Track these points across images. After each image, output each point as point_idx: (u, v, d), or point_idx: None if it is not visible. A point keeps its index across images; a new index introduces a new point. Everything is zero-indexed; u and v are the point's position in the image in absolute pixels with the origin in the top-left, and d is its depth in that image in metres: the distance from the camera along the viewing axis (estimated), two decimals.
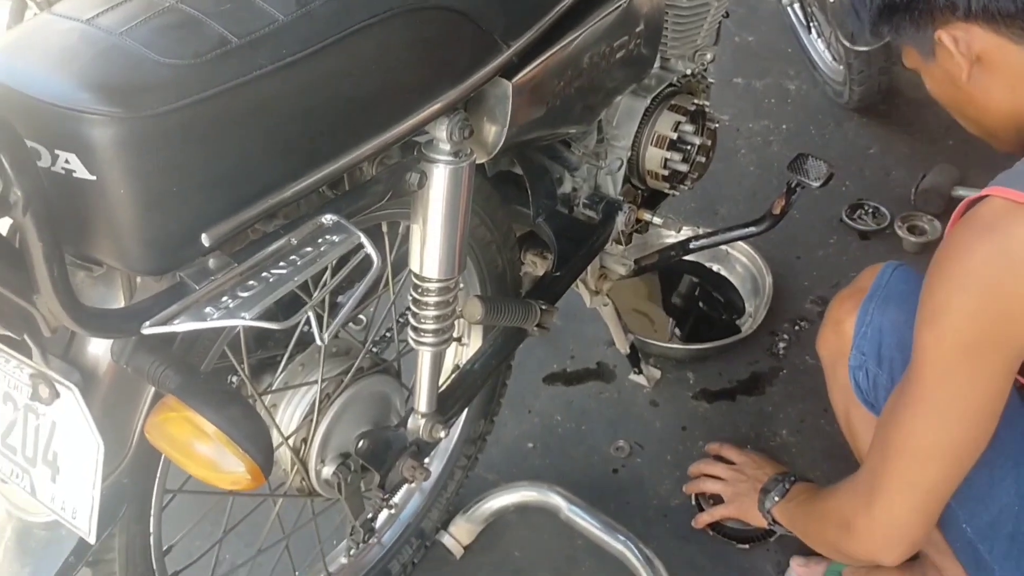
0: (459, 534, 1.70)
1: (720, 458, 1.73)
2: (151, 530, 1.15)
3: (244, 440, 0.91)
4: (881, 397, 1.30)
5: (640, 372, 1.97)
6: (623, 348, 1.93)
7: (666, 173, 1.61)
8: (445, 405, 1.35)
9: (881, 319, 1.32)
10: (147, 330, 0.87)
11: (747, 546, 1.70)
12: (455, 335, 1.44)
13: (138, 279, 0.98)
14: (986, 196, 1.06)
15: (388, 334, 1.50)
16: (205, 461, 0.92)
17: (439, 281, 1.22)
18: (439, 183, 1.15)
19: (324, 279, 1.00)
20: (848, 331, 1.36)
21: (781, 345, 2.06)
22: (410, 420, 1.33)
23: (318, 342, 0.95)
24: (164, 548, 1.21)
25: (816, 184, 1.64)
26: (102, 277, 0.98)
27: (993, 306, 1.05)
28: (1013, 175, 1.07)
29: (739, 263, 2.18)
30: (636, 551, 1.62)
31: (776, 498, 1.53)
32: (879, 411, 1.31)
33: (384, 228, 1.25)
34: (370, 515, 1.37)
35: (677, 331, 2.13)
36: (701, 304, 2.13)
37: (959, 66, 1.11)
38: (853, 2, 1.19)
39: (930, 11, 1.11)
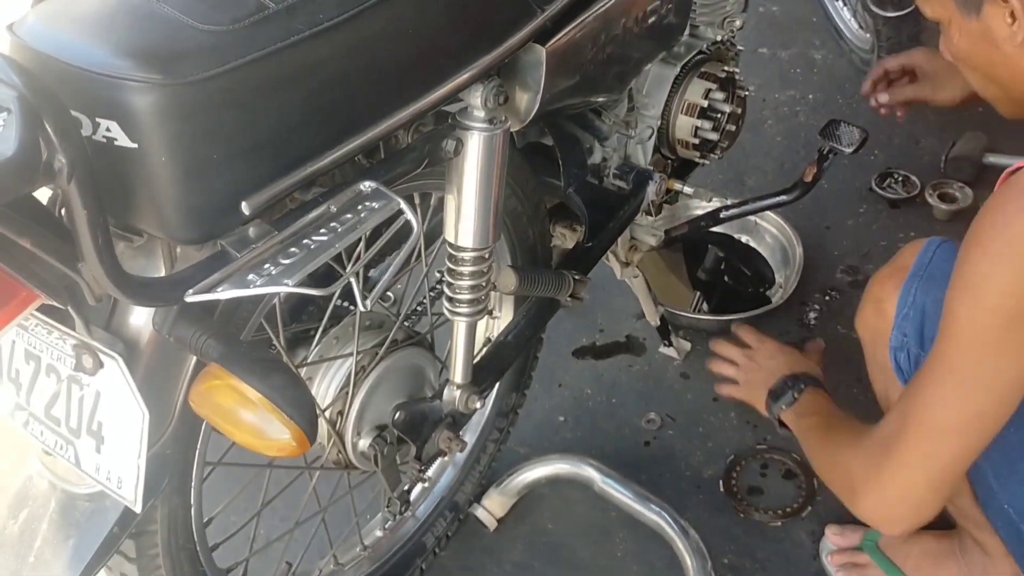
0: (492, 507, 1.71)
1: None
2: (192, 502, 1.16)
3: (289, 407, 0.91)
4: None
5: (670, 344, 1.97)
6: (653, 320, 1.92)
7: (696, 142, 1.59)
8: (480, 376, 1.35)
9: (924, 299, 1.28)
10: (191, 298, 0.86)
11: (780, 523, 1.69)
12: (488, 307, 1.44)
13: (178, 249, 0.98)
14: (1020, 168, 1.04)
15: (419, 307, 1.50)
16: (251, 428, 0.92)
17: (474, 250, 1.21)
18: (474, 151, 1.14)
19: (359, 249, 1.00)
20: (889, 311, 1.32)
21: (812, 315, 2.05)
22: (445, 392, 1.33)
23: (360, 308, 0.95)
24: (204, 520, 1.22)
25: (849, 150, 1.62)
26: (142, 247, 0.98)
27: None
28: None
29: (768, 234, 2.17)
30: (672, 522, 1.62)
31: (784, 406, 1.46)
32: None
33: (416, 199, 1.24)
34: (406, 487, 1.37)
35: (705, 306, 2.11)
36: (726, 278, 2.12)
37: (1013, 28, 1.08)
38: None
39: None
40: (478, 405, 1.33)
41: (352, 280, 0.94)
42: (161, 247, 0.97)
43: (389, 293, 1.52)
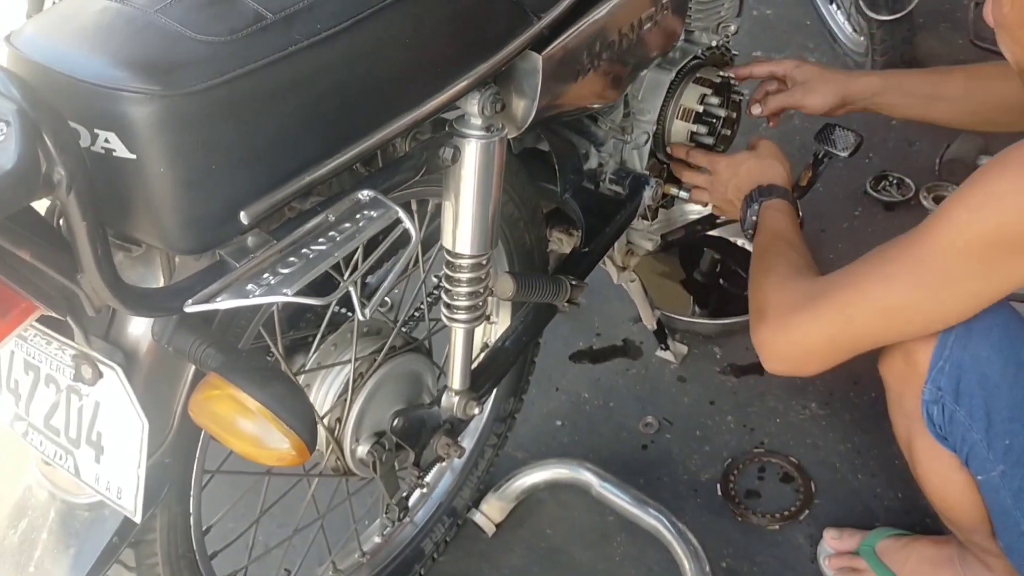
0: (491, 512, 1.71)
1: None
2: (191, 510, 1.16)
3: (289, 416, 0.91)
4: (957, 433, 1.26)
5: (667, 348, 1.97)
6: (650, 324, 1.93)
7: (692, 146, 1.60)
8: (478, 382, 1.35)
9: (962, 354, 1.23)
10: (190, 308, 0.87)
11: (777, 526, 1.69)
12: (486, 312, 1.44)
13: (177, 259, 0.98)
14: None
15: (417, 313, 1.50)
16: (250, 438, 0.92)
17: (472, 257, 1.22)
18: (471, 158, 1.14)
19: (356, 257, 1.00)
20: (921, 362, 1.27)
21: None
22: (444, 398, 1.33)
23: (359, 316, 0.95)
24: (204, 528, 1.22)
25: (844, 154, 1.63)
26: (141, 257, 0.98)
27: None
28: None
29: None
30: (669, 525, 1.62)
31: (749, 229, 1.48)
32: (953, 446, 1.28)
33: (413, 206, 1.25)
34: (404, 494, 1.37)
35: (698, 308, 2.12)
36: (722, 281, 2.12)
37: None
38: None
39: None
40: (476, 411, 1.34)
41: (351, 288, 0.94)
42: (160, 257, 0.97)
43: (387, 299, 1.52)
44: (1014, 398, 1.21)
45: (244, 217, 0.91)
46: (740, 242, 2.18)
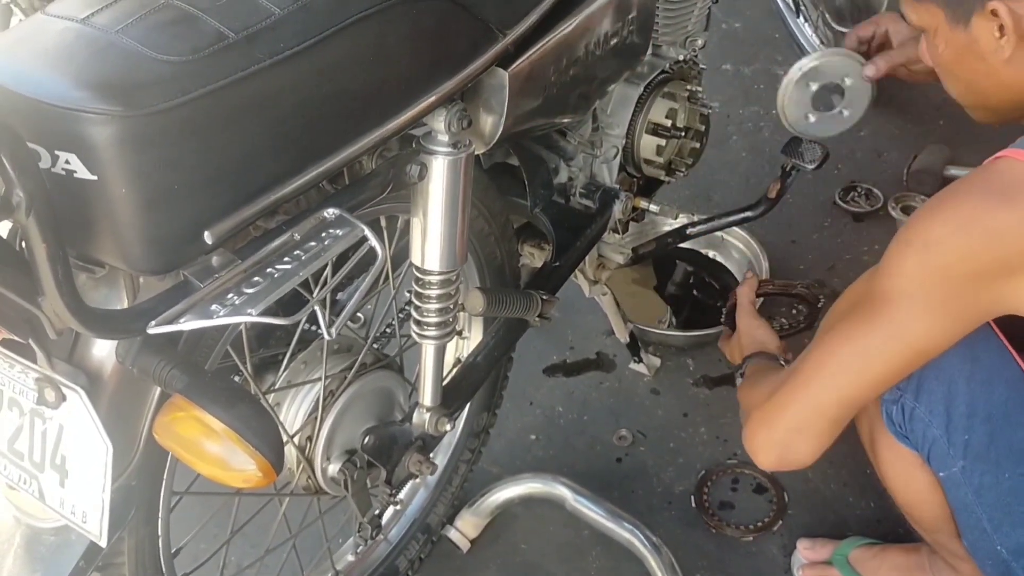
0: (465, 528, 1.70)
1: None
2: (159, 532, 1.15)
3: (254, 437, 0.90)
4: (918, 430, 1.27)
5: (640, 361, 1.97)
6: (623, 337, 1.93)
7: (661, 160, 1.61)
8: (449, 398, 1.35)
9: None
10: (153, 329, 0.86)
11: (751, 538, 1.70)
12: (456, 328, 1.44)
13: (141, 279, 0.97)
14: (1001, 157, 1.06)
15: (388, 329, 1.50)
16: (215, 460, 0.91)
17: (441, 273, 1.21)
18: (439, 175, 1.14)
19: (325, 275, 1.00)
20: None
21: (779, 329, 2.06)
22: (415, 414, 1.32)
23: (325, 336, 0.94)
24: (172, 551, 1.21)
25: (811, 166, 1.64)
26: (104, 278, 0.97)
27: (990, 254, 1.04)
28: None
29: (735, 249, 2.18)
30: (643, 539, 1.62)
31: (738, 378, 1.49)
32: (914, 444, 1.29)
33: (383, 223, 1.24)
34: (377, 511, 1.37)
35: (673, 320, 2.13)
36: (695, 292, 2.13)
37: (1002, 42, 1.10)
38: None
39: None
40: (448, 427, 1.33)
41: (317, 307, 0.94)
42: (123, 278, 0.97)
43: (359, 314, 1.51)
44: (972, 393, 1.21)
45: (208, 237, 0.90)
46: (712, 254, 2.20)
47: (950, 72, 1.21)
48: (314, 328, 1.30)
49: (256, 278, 0.91)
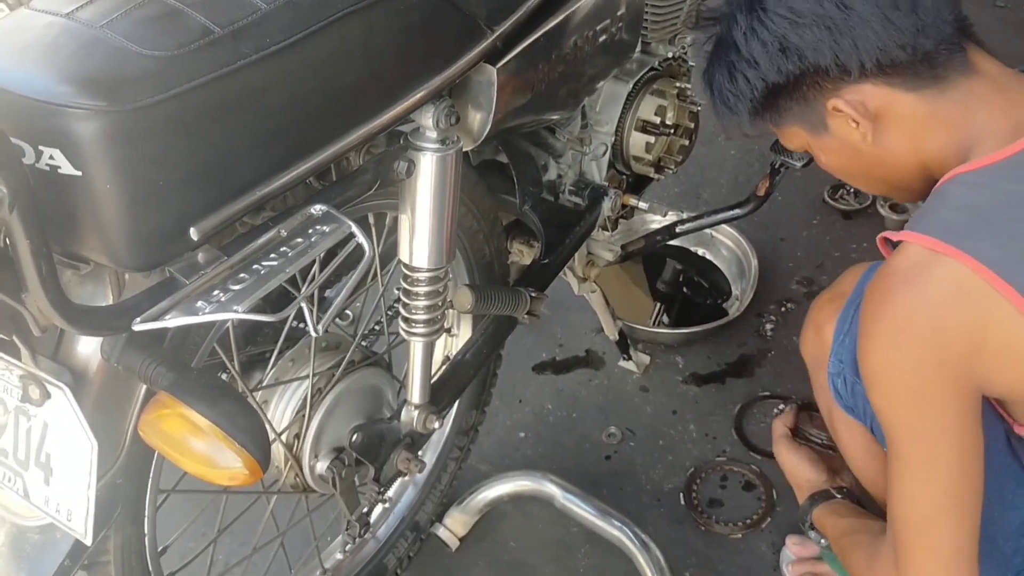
0: (454, 526, 1.70)
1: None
2: (146, 531, 1.14)
3: (240, 435, 0.90)
4: (860, 404, 1.28)
5: (629, 358, 1.97)
6: (612, 335, 1.93)
7: (650, 157, 1.61)
8: (438, 396, 1.34)
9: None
10: (138, 326, 0.85)
11: (740, 535, 1.70)
12: (445, 326, 1.44)
13: (126, 276, 0.96)
14: (900, 242, 1.06)
15: (377, 327, 1.49)
16: (201, 457, 0.90)
17: (429, 271, 1.21)
18: (427, 171, 1.14)
19: (313, 272, 0.99)
20: (828, 336, 1.33)
21: (768, 327, 2.07)
22: (403, 412, 1.32)
23: (312, 333, 0.94)
24: (159, 549, 1.20)
25: (799, 164, 1.64)
26: (89, 275, 0.96)
27: (929, 356, 1.04)
28: (926, 218, 1.05)
29: (724, 246, 2.19)
30: (632, 536, 1.62)
31: (804, 522, 1.47)
32: (860, 416, 1.29)
33: (371, 220, 1.24)
34: (365, 509, 1.36)
35: (665, 318, 2.13)
36: (685, 289, 2.14)
37: (860, 130, 1.10)
38: (723, 98, 1.15)
39: (819, 83, 1.09)
40: (436, 425, 1.33)
41: (304, 304, 0.94)
42: (108, 275, 0.96)
43: (347, 311, 1.51)
44: None
45: (194, 233, 0.89)
46: (701, 252, 2.20)
47: (847, 173, 1.21)
48: (301, 325, 1.29)
49: (242, 275, 0.90)
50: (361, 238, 0.94)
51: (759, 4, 1.10)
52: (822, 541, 1.45)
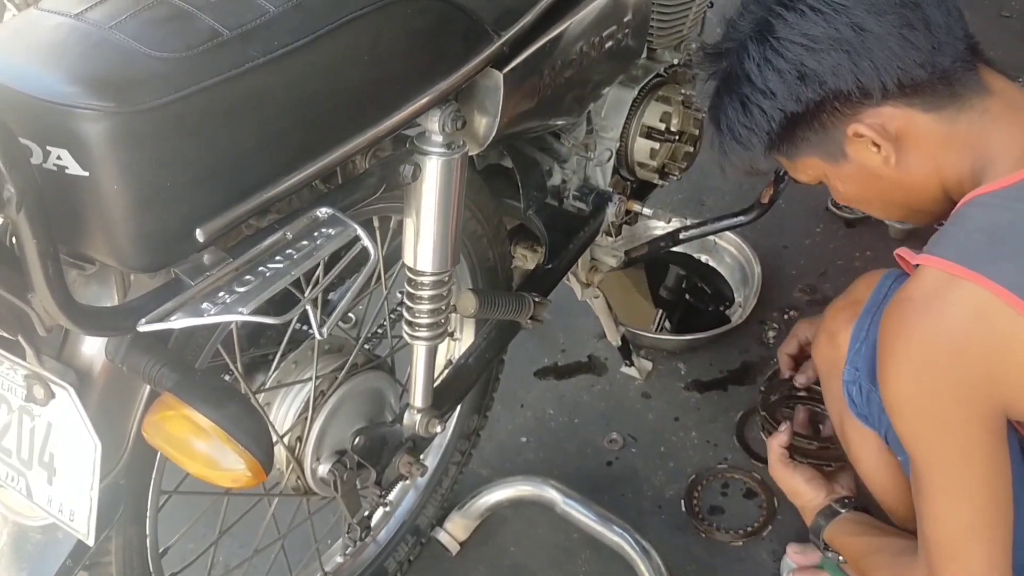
0: (455, 530, 1.70)
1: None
2: (148, 532, 1.14)
3: (244, 437, 0.90)
4: (875, 413, 1.27)
5: (631, 364, 1.97)
6: (614, 340, 1.93)
7: (654, 163, 1.61)
8: (440, 400, 1.35)
9: (877, 334, 1.24)
10: (144, 327, 0.85)
11: (741, 543, 1.70)
12: (448, 330, 1.44)
13: (132, 277, 0.96)
14: (918, 266, 1.06)
15: (380, 330, 1.49)
16: (205, 459, 0.91)
17: (433, 274, 1.21)
18: (432, 175, 1.14)
19: (317, 274, 0.99)
20: (842, 343, 1.32)
21: (771, 334, 2.07)
22: (406, 416, 1.32)
23: (316, 336, 0.94)
24: (160, 550, 1.20)
25: None
26: (95, 275, 0.96)
27: (950, 384, 1.04)
28: (944, 241, 1.05)
29: (728, 253, 2.19)
30: (633, 542, 1.62)
31: (817, 538, 1.45)
32: (874, 425, 1.29)
33: (376, 223, 1.24)
34: (366, 513, 1.36)
35: (667, 324, 2.13)
36: (688, 296, 2.14)
37: (882, 153, 1.10)
38: (735, 134, 1.13)
39: (838, 109, 1.08)
40: (438, 429, 1.33)
41: (308, 307, 0.94)
42: (114, 275, 0.96)
43: (351, 314, 1.51)
44: None
45: (200, 235, 0.90)
46: (704, 258, 2.20)
47: (864, 201, 1.21)
48: (305, 328, 1.30)
49: (247, 277, 0.90)
50: (367, 241, 0.95)
51: (770, 33, 1.09)
52: (840, 558, 1.43)
